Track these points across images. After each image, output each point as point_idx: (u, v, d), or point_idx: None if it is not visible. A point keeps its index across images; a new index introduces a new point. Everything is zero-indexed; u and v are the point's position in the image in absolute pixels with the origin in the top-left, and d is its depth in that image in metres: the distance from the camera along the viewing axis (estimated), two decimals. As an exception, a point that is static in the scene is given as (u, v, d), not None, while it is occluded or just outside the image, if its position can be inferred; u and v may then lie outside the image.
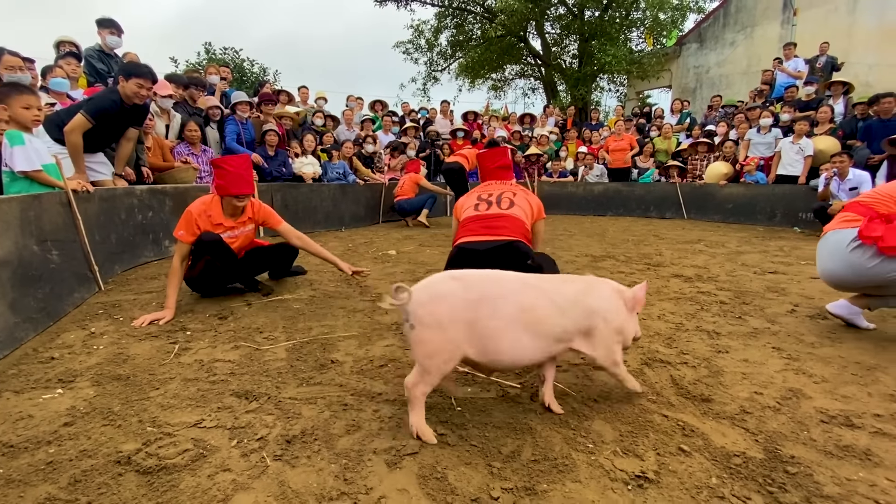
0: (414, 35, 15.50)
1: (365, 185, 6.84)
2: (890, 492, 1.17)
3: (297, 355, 1.98)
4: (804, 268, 3.74)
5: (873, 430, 1.45)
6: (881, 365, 1.91)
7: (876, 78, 9.33)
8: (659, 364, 1.91)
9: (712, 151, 7.65)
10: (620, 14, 13.17)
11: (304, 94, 7.89)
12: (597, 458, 1.29)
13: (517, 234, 2.17)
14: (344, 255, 4.34)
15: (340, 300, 2.81)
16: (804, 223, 6.16)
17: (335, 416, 1.49)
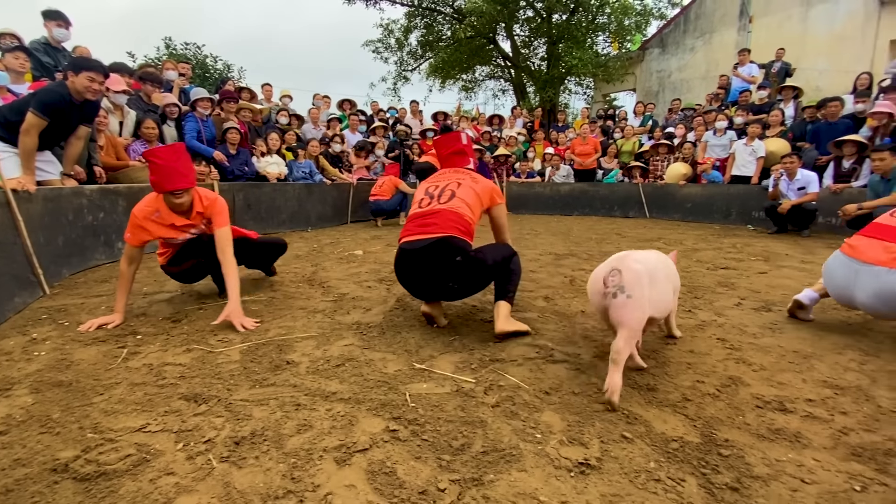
0: (384, 34, 15.43)
1: (332, 184, 6.76)
2: (816, 471, 1.25)
3: (251, 357, 1.94)
4: (753, 263, 3.93)
5: (804, 414, 1.54)
6: (817, 353, 2.03)
7: (826, 83, 9.89)
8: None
9: (672, 153, 7.93)
10: (587, 18, 13.48)
11: (268, 91, 7.74)
12: (543, 448, 1.32)
13: (451, 229, 2.11)
14: (309, 255, 4.29)
15: (301, 301, 2.77)
16: (757, 221, 6.47)
17: (287, 417, 1.48)
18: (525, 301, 2.79)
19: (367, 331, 2.25)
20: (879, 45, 9.99)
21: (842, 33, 10.52)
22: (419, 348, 2.03)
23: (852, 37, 10.35)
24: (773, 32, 11.32)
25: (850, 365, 1.91)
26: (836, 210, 5.20)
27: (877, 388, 1.72)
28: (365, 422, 1.44)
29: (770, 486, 1.19)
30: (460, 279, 2.13)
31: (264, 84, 7.72)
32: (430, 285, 2.19)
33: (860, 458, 1.30)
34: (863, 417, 1.51)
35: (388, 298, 2.82)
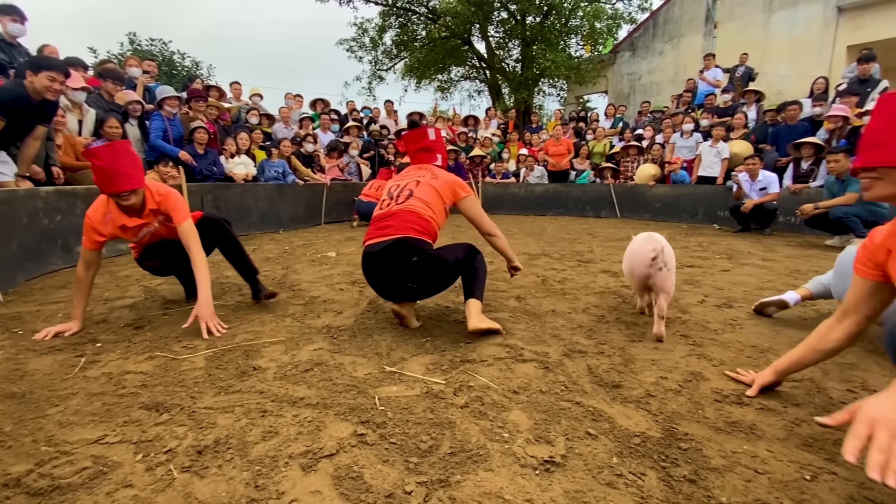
0: (358, 33, 15.31)
1: (305, 185, 6.66)
2: (769, 461, 1.31)
3: (216, 364, 1.90)
4: (718, 261, 4.08)
5: (759, 406, 1.60)
6: (773, 348, 2.12)
7: (787, 87, 10.33)
8: (578, 354, 2.01)
9: (642, 154, 8.14)
10: (560, 21, 13.69)
11: (237, 90, 7.56)
12: (510, 447, 1.34)
13: (406, 229, 2.10)
14: (280, 257, 4.21)
15: (269, 305, 2.72)
16: (722, 220, 6.71)
17: (252, 424, 1.45)
18: (497, 301, 2.82)
19: (338, 334, 2.23)
20: (837, 50, 10.51)
21: (801, 39, 11.01)
22: (390, 351, 2.02)
23: (811, 43, 10.85)
24: (736, 38, 11.75)
25: (804, 358, 1.99)
26: (794, 209, 5.44)
27: (828, 380, 1.80)
28: (332, 427, 1.43)
29: (725, 477, 1.23)
30: (419, 279, 2.12)
31: (233, 82, 7.55)
32: (393, 287, 2.19)
33: (811, 448, 1.36)
34: (814, 409, 1.58)
35: (360, 301, 2.80)
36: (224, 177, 5.69)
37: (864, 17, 10.20)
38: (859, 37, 10.15)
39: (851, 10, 10.31)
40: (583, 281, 3.34)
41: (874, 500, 1.15)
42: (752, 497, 1.16)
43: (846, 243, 4.83)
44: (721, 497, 1.15)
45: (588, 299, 2.88)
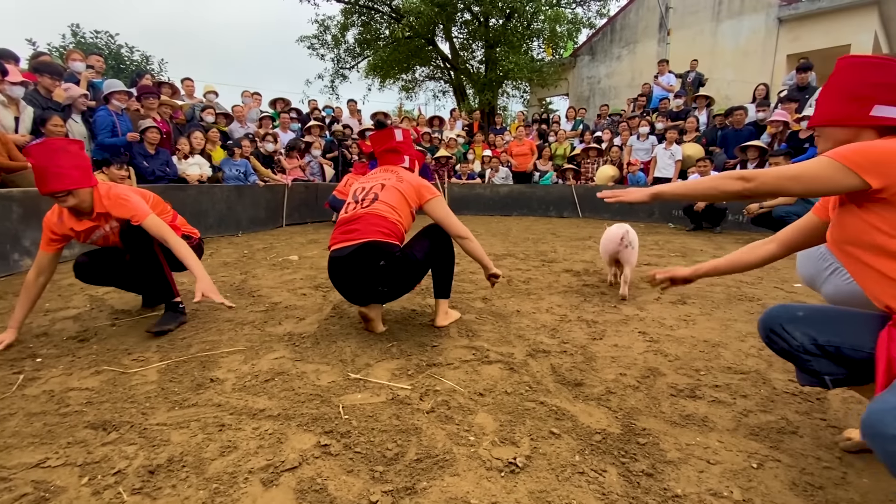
0: (319, 30, 15.00)
1: (265, 186, 6.46)
2: (719, 452, 1.37)
3: (170, 376, 1.81)
4: (672, 259, 4.26)
5: (711, 399, 1.69)
6: (724, 342, 2.24)
7: (734, 92, 10.93)
8: (542, 354, 2.05)
9: (601, 156, 8.40)
10: (522, 24, 13.92)
11: (189, 87, 7.22)
12: (476, 450, 1.35)
13: (372, 233, 2.07)
14: (239, 262, 4.07)
15: (228, 312, 2.62)
16: (676, 220, 7.02)
17: (209, 439, 1.39)
18: (464, 303, 2.83)
19: (300, 342, 2.17)
20: (778, 59, 11.22)
21: (746, 48, 11.69)
22: (355, 357, 1.99)
23: (755, 51, 11.54)
24: (688, 45, 12.33)
25: (751, 351, 2.11)
26: (742, 209, 5.76)
27: (772, 371, 1.92)
28: (295, 438, 1.39)
29: (680, 469, 1.29)
30: (389, 282, 2.10)
31: (185, 79, 7.20)
32: (362, 291, 2.16)
33: (757, 437, 1.45)
34: (760, 399, 1.68)
35: (323, 306, 2.74)
36: (177, 178, 5.43)
37: (801, 28, 10.94)
38: (797, 46, 10.88)
39: (790, 22, 11.03)
40: (546, 281, 3.41)
41: (813, 484, 1.23)
42: (704, 487, 1.21)
43: (788, 240, 5.16)
44: (676, 489, 1.20)
45: (552, 299, 2.94)
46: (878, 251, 1.09)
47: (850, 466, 1.30)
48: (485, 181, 9.10)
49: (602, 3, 14.43)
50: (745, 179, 1.15)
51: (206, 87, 7.42)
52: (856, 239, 1.14)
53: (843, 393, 1.72)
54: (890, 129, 1.11)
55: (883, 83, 1.09)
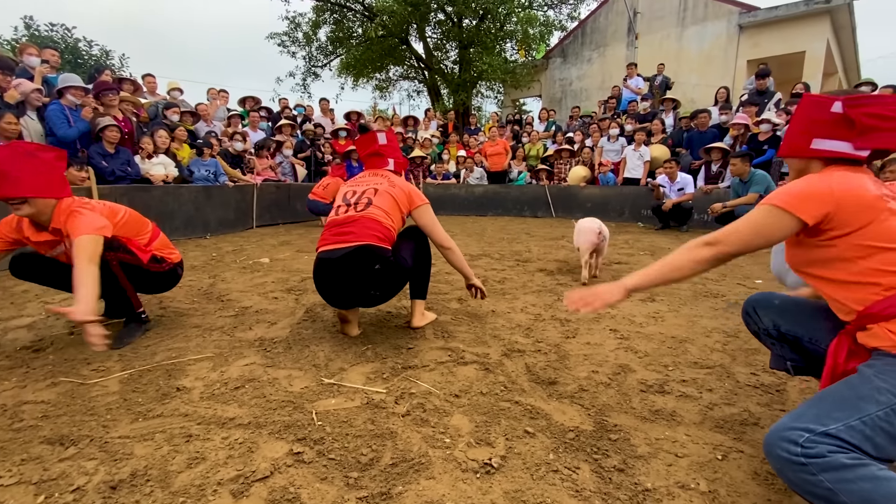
0: (290, 27, 14.70)
1: (235, 186, 6.29)
2: (687, 445, 1.42)
3: (133, 386, 1.73)
4: (642, 258, 4.38)
5: (679, 394, 1.74)
6: (690, 338, 2.31)
7: (698, 95, 11.31)
8: (517, 353, 2.07)
9: (573, 157, 8.56)
10: (495, 26, 14.02)
11: (151, 83, 6.93)
12: (452, 453, 1.35)
13: (368, 237, 2.07)
14: (207, 265, 3.94)
15: (195, 318, 2.54)
16: (645, 219, 7.21)
17: (175, 451, 1.34)
18: (440, 304, 2.83)
19: (272, 347, 2.12)
20: (739, 64, 11.69)
21: (709, 53, 12.12)
22: (329, 362, 1.96)
23: (718, 56, 11.99)
24: (655, 49, 12.70)
25: (716, 346, 2.20)
26: (707, 208, 5.97)
27: (736, 365, 1.99)
28: (266, 447, 1.36)
29: (650, 463, 1.32)
30: (381, 286, 2.10)
31: (146, 75, 6.92)
32: (350, 294, 2.12)
33: (722, 430, 1.50)
34: (724, 393, 1.75)
35: (296, 310, 2.69)
36: (140, 178, 5.21)
37: (760, 35, 11.42)
38: (757, 52, 11.36)
39: (750, 28, 11.51)
40: (521, 280, 3.45)
41: (773, 473, 1.28)
42: (673, 480, 1.25)
43: (749, 238, 5.38)
44: (647, 483, 1.23)
45: (526, 298, 2.97)
46: (822, 279, 1.18)
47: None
48: (460, 181, 9.13)
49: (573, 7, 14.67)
50: (710, 245, 1.20)
51: (171, 84, 7.15)
52: (803, 266, 1.23)
53: (800, 384, 1.80)
54: (836, 159, 1.20)
55: (819, 119, 1.20)
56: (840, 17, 10.85)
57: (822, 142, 1.20)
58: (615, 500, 1.17)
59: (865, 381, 1.02)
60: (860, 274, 1.09)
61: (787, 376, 1.83)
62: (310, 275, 3.54)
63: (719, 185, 6.50)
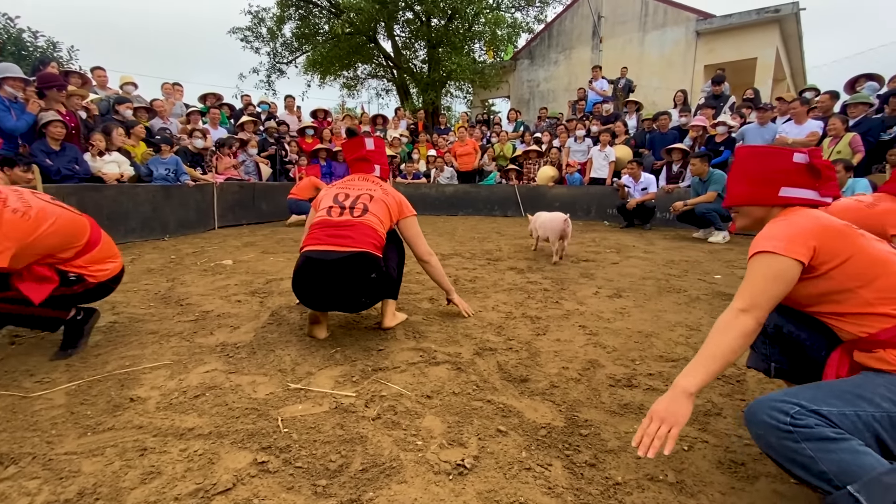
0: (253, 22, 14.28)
1: (195, 186, 6.03)
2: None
3: (81, 398, 1.62)
4: (608, 255, 4.48)
5: (646, 387, 1.78)
6: (656, 332, 2.37)
7: (659, 98, 11.70)
8: (488, 352, 2.06)
9: (541, 157, 8.69)
10: (463, 26, 14.07)
11: (101, 77, 6.54)
12: (424, 455, 1.32)
13: (366, 244, 2.06)
14: (165, 268, 3.76)
15: (152, 324, 2.40)
16: (611, 217, 7.40)
17: (128, 466, 1.26)
18: (411, 304, 2.80)
19: (234, 352, 2.03)
20: (697, 68, 12.18)
21: (669, 57, 12.58)
22: (295, 366, 1.89)
23: (677, 60, 12.45)
24: (618, 53, 13.06)
25: (680, 339, 2.26)
26: (668, 206, 6.18)
27: (698, 357, 2.05)
28: (228, 458, 1.29)
29: (620, 456, 1.34)
30: (371, 293, 2.12)
31: (95, 67, 6.53)
32: (338, 298, 2.08)
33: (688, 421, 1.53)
34: (688, 384, 1.79)
35: (260, 313, 2.59)
36: (90, 176, 4.91)
37: (716, 41, 11.94)
38: (713, 57, 11.87)
39: (706, 35, 12.01)
40: (492, 279, 3.46)
41: (736, 462, 1.32)
42: (642, 473, 1.27)
43: (709, 235, 5.62)
44: (617, 477, 1.25)
45: (497, 297, 2.98)
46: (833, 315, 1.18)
47: (766, 442, 1.41)
48: (430, 181, 9.10)
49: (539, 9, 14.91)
50: (746, 311, 1.11)
51: (123, 78, 6.78)
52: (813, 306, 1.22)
53: (758, 375, 1.87)
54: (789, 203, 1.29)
55: (783, 169, 1.28)
56: (788, 26, 11.49)
57: (791, 190, 1.27)
58: (587, 496, 1.17)
59: (870, 384, 1.05)
60: (867, 305, 1.11)
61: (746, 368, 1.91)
62: (276, 277, 3.43)
63: (680, 184, 6.74)
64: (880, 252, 1.14)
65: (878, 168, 5.25)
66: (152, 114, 6.64)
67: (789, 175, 1.27)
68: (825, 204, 1.27)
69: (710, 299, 2.96)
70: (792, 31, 11.84)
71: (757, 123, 6.44)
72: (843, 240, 1.14)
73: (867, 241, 1.16)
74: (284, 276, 3.45)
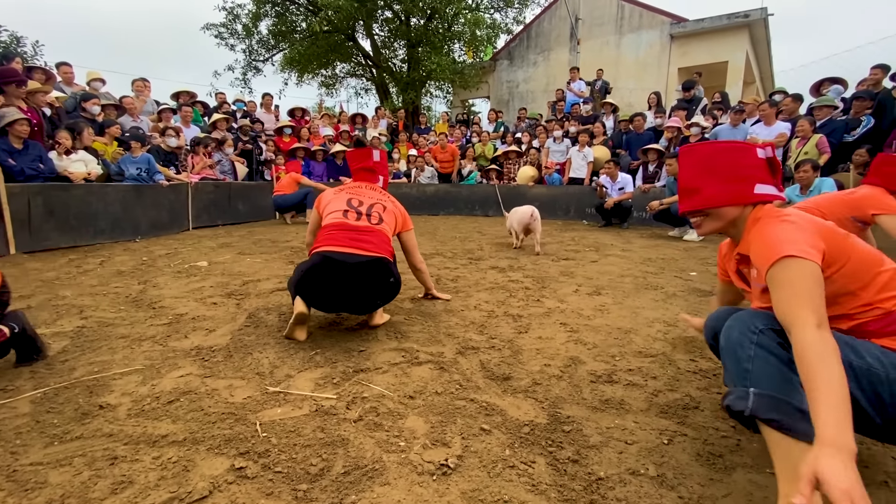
0: (228, 19, 13.94)
1: (168, 185, 5.85)
2: (635, 432, 1.46)
3: (47, 407, 1.54)
4: (587, 254, 4.54)
5: (626, 382, 1.80)
6: (634, 328, 2.41)
7: (635, 99, 11.93)
8: (471, 351, 2.06)
9: (521, 157, 8.76)
10: (443, 26, 14.05)
11: (67, 73, 6.28)
12: (407, 456, 1.31)
13: (383, 250, 2.19)
14: (136, 270, 3.63)
15: (122, 328, 2.31)
16: (590, 217, 7.51)
17: (98, 476, 1.20)
18: (393, 305, 2.77)
19: (210, 356, 1.97)
20: (671, 71, 12.47)
21: (644, 60, 12.84)
22: (274, 369, 1.85)
23: (652, 63, 12.72)
24: (595, 54, 13.27)
25: (658, 335, 2.30)
26: (645, 206, 6.31)
27: (676, 353, 2.10)
28: (204, 464, 1.25)
29: (602, 452, 1.35)
30: (386, 297, 2.25)
31: (61, 63, 6.28)
32: (352, 299, 2.16)
33: (667, 415, 1.56)
34: (667, 380, 1.83)
35: (237, 315, 2.53)
36: (55, 175, 4.71)
37: (689, 44, 12.25)
38: (686, 60, 12.18)
39: (680, 38, 12.31)
40: (474, 278, 3.46)
41: (714, 454, 1.35)
42: (624, 467, 1.28)
43: (684, 233, 5.75)
44: (600, 472, 1.26)
45: (479, 296, 2.98)
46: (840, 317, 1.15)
47: (742, 434, 1.45)
48: (411, 180, 9.06)
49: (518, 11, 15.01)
50: (823, 327, 0.95)
51: (91, 74, 6.52)
52: None
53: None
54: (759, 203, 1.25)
55: (754, 164, 1.22)
56: (757, 31, 11.87)
57: (763, 187, 1.21)
58: (571, 492, 1.18)
59: (867, 345, 1.07)
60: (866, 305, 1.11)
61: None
62: (253, 278, 3.36)
63: (656, 184, 6.89)
64: (870, 251, 1.15)
65: (843, 168, 5.47)
66: (121, 111, 6.41)
67: (759, 171, 1.23)
68: (782, 199, 1.27)
69: (686, 296, 3.03)
70: (761, 36, 12.25)
71: (729, 124, 6.63)
72: (842, 242, 1.12)
73: (855, 240, 1.15)
74: (261, 278, 3.38)
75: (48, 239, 4.42)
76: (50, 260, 3.97)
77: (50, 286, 3.08)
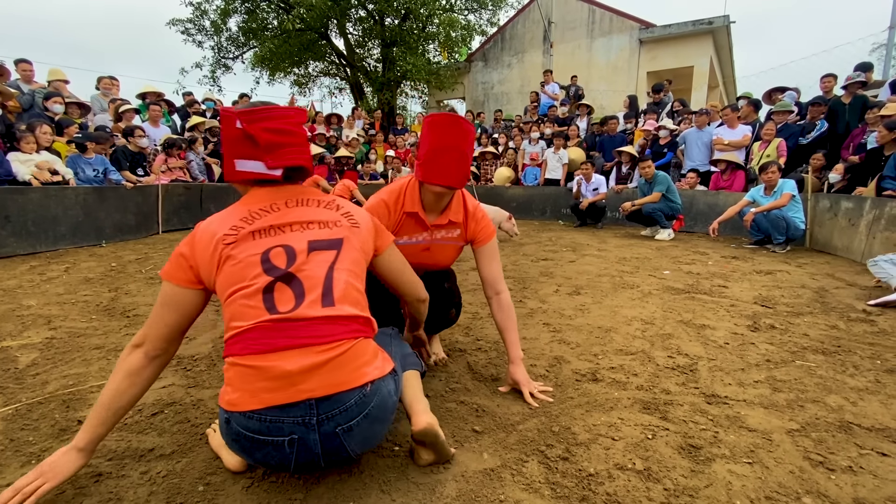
0: (195, 14, 13.52)
1: (136, 187, 5.63)
2: (621, 428, 1.51)
3: (21, 424, 1.48)
4: (565, 254, 4.63)
5: (609, 380, 1.86)
6: (615, 327, 2.48)
7: (608, 102, 12.25)
8: (458, 353, 2.08)
9: (498, 159, 8.85)
10: (418, 26, 14.03)
11: (26, 71, 5.97)
12: (401, 460, 1.31)
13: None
14: (105, 277, 3.49)
15: (95, 338, 2.23)
16: (565, 217, 7.67)
17: (82, 494, 1.16)
18: (374, 307, 2.76)
19: (192, 365, 1.92)
20: (640, 74, 12.84)
21: (615, 63, 13.19)
22: (260, 375, 1.82)
23: (622, 66, 13.07)
24: (568, 58, 13.53)
25: (636, 333, 2.38)
26: (618, 206, 6.50)
27: (654, 350, 2.17)
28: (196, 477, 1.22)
29: (590, 449, 1.40)
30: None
31: (20, 60, 5.96)
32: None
33: (649, 411, 1.63)
34: (648, 376, 1.90)
35: (217, 322, 2.47)
36: (12, 178, 4.46)
37: (657, 49, 12.66)
38: (655, 65, 12.58)
39: (649, 43, 12.70)
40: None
41: (694, 446, 1.41)
42: (612, 463, 1.33)
43: (655, 233, 5.95)
44: (589, 468, 1.30)
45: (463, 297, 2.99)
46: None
47: (719, 426, 1.52)
48: (388, 182, 9.02)
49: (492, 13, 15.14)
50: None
51: (53, 73, 6.22)
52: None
53: (709, 363, 2.01)
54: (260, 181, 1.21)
55: (233, 137, 1.15)
56: (720, 37, 12.37)
57: (244, 163, 1.10)
58: (563, 489, 1.21)
59: None
60: None
61: (699, 357, 2.05)
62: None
63: (628, 184, 7.10)
64: None
65: (801, 170, 5.77)
66: (86, 110, 6.13)
67: (237, 144, 1.15)
68: (276, 178, 1.17)
69: (661, 294, 3.14)
70: (724, 43, 12.76)
71: (696, 127, 6.89)
72: None
73: None
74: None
75: (5, 245, 4.19)
76: (9, 267, 3.76)
77: (12, 295, 2.92)
